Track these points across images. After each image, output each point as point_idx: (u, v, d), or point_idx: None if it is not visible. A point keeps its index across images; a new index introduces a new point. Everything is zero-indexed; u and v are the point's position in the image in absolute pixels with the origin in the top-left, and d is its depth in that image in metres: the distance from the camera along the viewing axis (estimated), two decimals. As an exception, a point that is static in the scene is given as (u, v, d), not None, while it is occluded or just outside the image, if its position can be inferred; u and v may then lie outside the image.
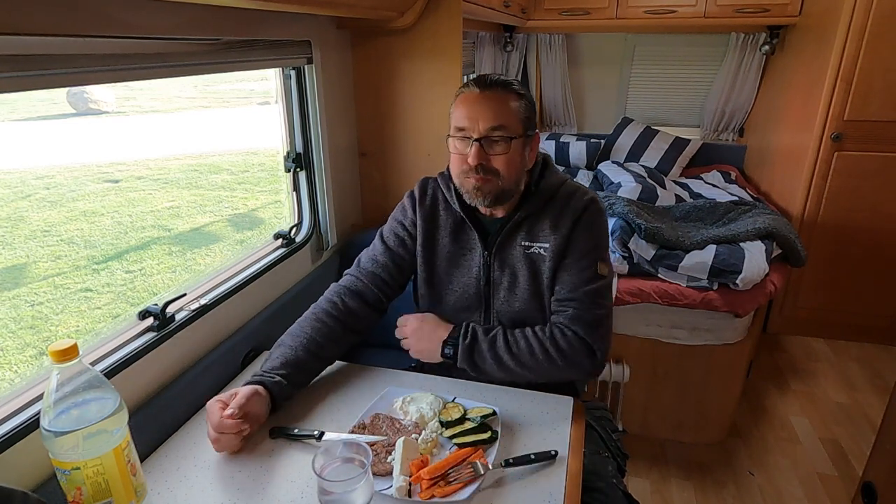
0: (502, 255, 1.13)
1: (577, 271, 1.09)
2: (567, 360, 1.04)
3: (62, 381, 0.70)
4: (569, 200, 1.11)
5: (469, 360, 1.08)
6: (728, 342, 1.94)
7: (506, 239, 1.13)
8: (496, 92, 1.04)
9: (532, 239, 1.12)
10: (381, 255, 1.20)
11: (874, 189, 2.45)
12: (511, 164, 1.05)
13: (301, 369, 1.05)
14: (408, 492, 0.82)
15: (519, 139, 1.05)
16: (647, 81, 3.47)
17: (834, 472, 1.93)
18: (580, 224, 1.09)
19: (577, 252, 1.09)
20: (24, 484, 0.80)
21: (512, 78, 1.12)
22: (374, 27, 1.58)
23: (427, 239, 1.18)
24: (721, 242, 1.97)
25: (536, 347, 1.05)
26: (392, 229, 1.21)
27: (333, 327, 1.11)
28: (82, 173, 5.77)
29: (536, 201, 1.11)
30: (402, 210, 1.22)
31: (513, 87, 1.06)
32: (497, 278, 1.14)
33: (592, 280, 1.08)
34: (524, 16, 2.85)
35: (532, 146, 1.10)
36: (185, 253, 4.51)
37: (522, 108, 1.06)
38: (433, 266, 1.19)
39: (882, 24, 2.22)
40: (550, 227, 1.10)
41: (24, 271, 3.97)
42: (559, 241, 1.09)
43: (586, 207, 1.10)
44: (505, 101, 1.04)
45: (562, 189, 1.13)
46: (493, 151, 1.03)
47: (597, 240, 1.11)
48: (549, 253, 1.10)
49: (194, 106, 8.27)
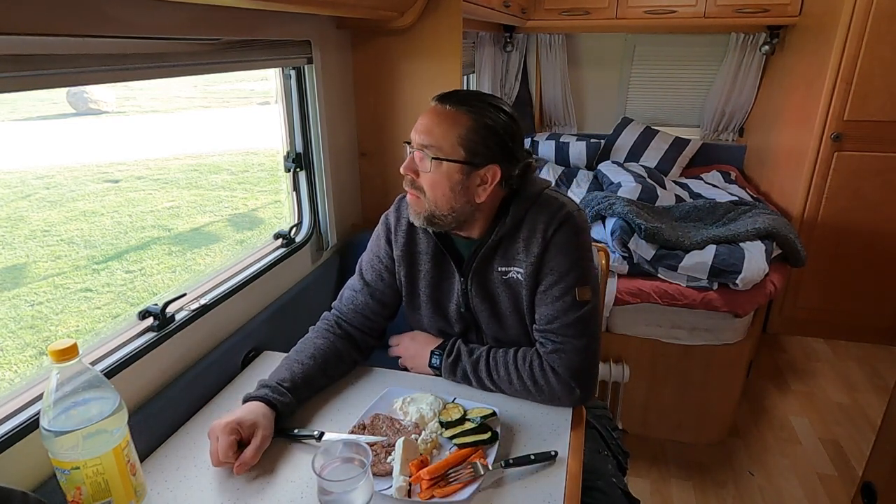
0: (481, 281, 1.06)
1: (551, 300, 1.00)
2: (545, 395, 1.01)
3: (62, 380, 0.70)
4: (540, 219, 1.00)
5: (452, 376, 1.08)
6: (728, 342, 1.94)
7: (482, 264, 1.05)
8: (446, 108, 0.95)
9: (508, 263, 1.03)
10: (360, 293, 1.15)
11: (874, 189, 2.45)
12: (435, 186, 0.96)
13: (311, 385, 1.05)
14: (408, 492, 0.82)
15: (452, 164, 0.95)
16: (647, 81, 3.47)
17: (834, 472, 1.93)
18: (553, 245, 0.99)
19: (552, 277, 1.00)
20: (23, 484, 0.80)
21: (494, 100, 0.98)
22: (374, 27, 1.58)
23: (408, 266, 1.12)
24: (721, 242, 1.97)
25: (515, 379, 1.02)
26: (370, 262, 1.16)
27: (333, 358, 1.10)
28: (82, 173, 5.77)
29: (510, 221, 1.01)
30: (377, 240, 1.16)
31: (470, 109, 0.95)
32: (477, 305, 1.08)
33: (571, 309, 0.99)
34: (524, 16, 2.85)
35: (486, 177, 0.97)
36: (185, 253, 4.51)
37: (473, 132, 0.94)
38: (416, 292, 1.14)
39: (882, 24, 2.22)
40: (524, 249, 1.01)
41: (24, 271, 3.97)
42: (532, 265, 1.00)
43: (560, 225, 0.99)
44: (450, 120, 0.94)
45: (535, 205, 1.02)
46: (421, 167, 0.97)
47: (574, 262, 0.99)
48: (524, 278, 1.02)
49: (194, 106, 8.27)
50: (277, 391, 0.97)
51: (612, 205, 2.07)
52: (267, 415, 0.93)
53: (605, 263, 1.31)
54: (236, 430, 0.88)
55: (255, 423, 0.90)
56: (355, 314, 1.15)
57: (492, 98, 0.99)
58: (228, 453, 0.86)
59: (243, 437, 0.88)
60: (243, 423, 0.89)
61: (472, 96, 0.97)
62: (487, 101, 0.97)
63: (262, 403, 0.94)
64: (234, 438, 0.87)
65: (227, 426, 0.87)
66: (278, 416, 0.96)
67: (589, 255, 1.03)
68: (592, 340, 1.01)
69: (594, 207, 2.15)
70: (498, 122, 0.96)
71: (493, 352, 1.06)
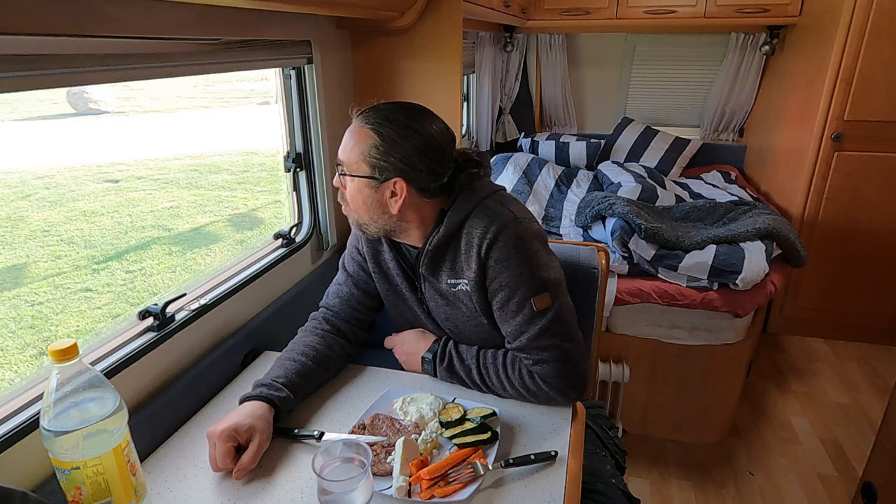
0: (436, 289, 1.08)
1: (510, 316, 1.00)
2: (540, 398, 1.01)
3: (62, 380, 0.70)
4: (475, 232, 0.99)
5: (448, 381, 1.09)
6: (728, 342, 1.94)
7: (428, 273, 1.06)
8: (355, 124, 0.99)
9: (457, 275, 1.04)
10: (344, 284, 1.18)
11: (874, 189, 2.45)
12: (353, 199, 1.02)
13: (307, 380, 1.05)
14: (407, 492, 0.82)
15: (359, 179, 0.99)
16: (647, 81, 3.47)
17: (834, 472, 1.93)
18: (492, 260, 0.98)
19: (503, 294, 0.99)
20: (23, 484, 0.80)
21: (409, 115, 0.99)
22: (374, 27, 1.58)
23: (376, 264, 1.15)
24: (721, 242, 1.97)
25: (508, 386, 1.02)
26: (350, 255, 1.19)
27: (328, 353, 1.11)
28: (82, 173, 5.77)
29: (444, 231, 1.01)
30: (355, 236, 1.19)
31: (374, 126, 0.97)
32: (435, 311, 1.10)
33: (533, 321, 0.98)
34: (524, 16, 2.85)
35: (395, 190, 0.98)
36: (185, 253, 4.51)
37: (374, 150, 0.96)
38: (386, 290, 1.17)
39: (882, 24, 2.22)
40: (465, 262, 1.02)
41: (24, 271, 3.97)
42: (474, 281, 1.01)
43: (495, 238, 0.97)
44: (356, 136, 0.98)
45: (472, 216, 1.01)
46: (340, 182, 1.03)
47: (520, 273, 0.97)
48: (471, 290, 1.03)
49: (194, 106, 8.27)
50: (274, 388, 0.97)
51: (612, 205, 2.07)
52: (265, 415, 0.93)
53: (605, 263, 1.31)
54: (233, 436, 0.87)
55: (252, 427, 0.89)
56: (342, 306, 1.17)
57: (411, 111, 1.00)
58: (226, 460, 0.86)
59: (241, 442, 0.88)
60: (239, 429, 0.88)
61: (380, 113, 0.98)
62: (402, 116, 0.98)
63: (260, 402, 0.94)
64: (230, 445, 0.87)
65: (223, 433, 0.86)
66: (277, 414, 0.96)
67: (538, 262, 0.99)
68: (568, 342, 1.00)
69: (594, 207, 2.15)
70: (403, 139, 0.96)
71: (484, 358, 1.05)
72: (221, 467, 0.87)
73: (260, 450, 0.89)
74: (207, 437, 0.89)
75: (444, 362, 1.08)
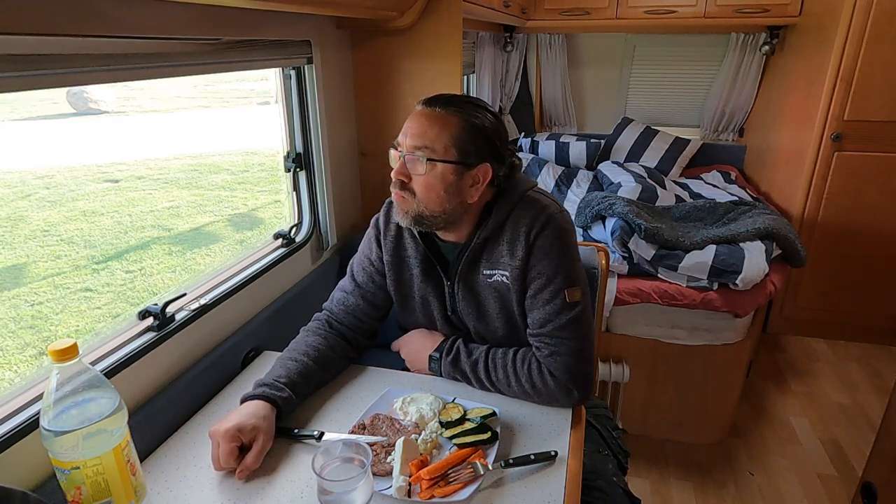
0: (468, 285, 1.07)
1: (542, 304, 1.01)
2: (543, 396, 1.01)
3: (62, 380, 0.70)
4: (522, 222, 1.01)
5: (451, 375, 1.09)
6: (728, 342, 1.94)
7: (467, 268, 1.06)
8: (435, 110, 0.97)
9: (493, 266, 1.04)
10: (351, 294, 1.17)
11: (874, 189, 2.45)
12: (429, 188, 0.97)
13: (308, 380, 1.04)
14: (407, 492, 0.82)
15: (447, 165, 0.96)
16: (647, 81, 3.47)
17: (834, 472, 1.93)
18: (536, 248, 1.00)
19: (540, 281, 1.00)
20: (23, 483, 0.80)
21: (478, 101, 1.01)
22: (374, 27, 1.58)
23: (396, 272, 1.14)
24: (721, 242, 1.97)
25: (514, 382, 1.02)
26: (360, 264, 1.18)
27: (330, 355, 1.11)
28: (82, 173, 5.77)
29: (493, 223, 1.02)
30: (368, 243, 1.17)
31: (458, 109, 0.96)
32: (463, 309, 1.09)
33: (562, 311, 1.00)
34: (524, 16, 2.85)
35: (478, 177, 0.98)
36: (185, 253, 4.51)
37: (463, 132, 0.95)
38: (404, 297, 1.16)
39: (882, 24, 2.22)
40: (508, 252, 1.02)
41: (24, 271, 3.97)
42: (517, 269, 1.01)
43: (543, 228, 0.99)
44: (441, 122, 0.96)
45: (518, 207, 1.02)
46: (413, 171, 0.97)
47: (560, 264, 1.00)
48: (510, 282, 1.03)
49: (194, 106, 8.27)
50: (276, 387, 0.97)
51: (612, 205, 2.07)
52: (267, 415, 0.93)
53: (605, 263, 1.30)
54: (237, 436, 0.87)
55: (256, 427, 0.89)
56: (346, 315, 1.16)
57: (476, 100, 1.02)
58: (230, 460, 0.86)
59: (244, 441, 0.88)
60: (244, 429, 0.88)
61: (456, 99, 0.99)
62: (473, 103, 0.99)
63: (262, 402, 0.94)
64: (234, 445, 0.87)
65: (227, 433, 0.87)
66: (279, 413, 0.96)
67: (575, 256, 1.03)
68: (586, 341, 1.02)
69: (594, 207, 2.15)
70: (486, 122, 0.98)
71: (493, 353, 1.06)
72: (224, 467, 0.87)
73: (263, 450, 0.89)
74: (210, 436, 0.89)
75: (449, 356, 1.08)
